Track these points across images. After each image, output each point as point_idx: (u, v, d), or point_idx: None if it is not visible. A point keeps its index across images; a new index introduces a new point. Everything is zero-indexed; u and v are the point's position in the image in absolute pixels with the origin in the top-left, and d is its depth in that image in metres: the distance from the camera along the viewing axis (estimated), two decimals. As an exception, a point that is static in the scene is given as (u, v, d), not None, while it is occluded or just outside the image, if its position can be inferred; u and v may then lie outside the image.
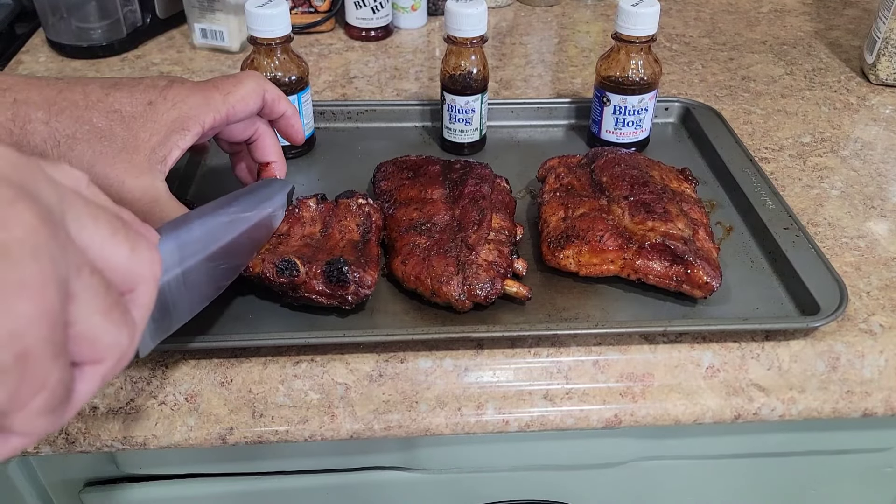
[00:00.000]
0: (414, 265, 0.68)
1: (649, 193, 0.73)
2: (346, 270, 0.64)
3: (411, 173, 0.79)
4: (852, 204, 0.84)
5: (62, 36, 1.14)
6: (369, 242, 0.70)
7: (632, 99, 0.87)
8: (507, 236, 0.72)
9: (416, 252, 0.69)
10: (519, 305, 0.69)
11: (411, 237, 0.71)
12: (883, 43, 1.06)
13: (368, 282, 0.65)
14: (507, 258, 0.69)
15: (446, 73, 0.87)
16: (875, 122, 1.01)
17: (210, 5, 1.12)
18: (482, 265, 0.67)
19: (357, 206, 0.73)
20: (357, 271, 0.64)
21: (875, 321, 0.69)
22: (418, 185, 0.77)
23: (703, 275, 0.66)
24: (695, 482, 0.81)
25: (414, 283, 0.68)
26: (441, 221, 0.72)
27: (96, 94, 0.60)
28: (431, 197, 0.75)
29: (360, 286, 0.65)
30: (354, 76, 1.12)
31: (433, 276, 0.67)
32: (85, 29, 1.13)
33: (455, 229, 0.71)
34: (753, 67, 1.16)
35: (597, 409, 0.65)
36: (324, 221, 0.71)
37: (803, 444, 0.77)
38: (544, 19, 1.36)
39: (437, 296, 0.66)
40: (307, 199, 0.72)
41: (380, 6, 1.21)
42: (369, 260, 0.67)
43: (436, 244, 0.69)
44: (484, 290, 0.66)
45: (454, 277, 0.66)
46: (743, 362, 0.66)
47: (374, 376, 0.64)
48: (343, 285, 0.64)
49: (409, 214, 0.73)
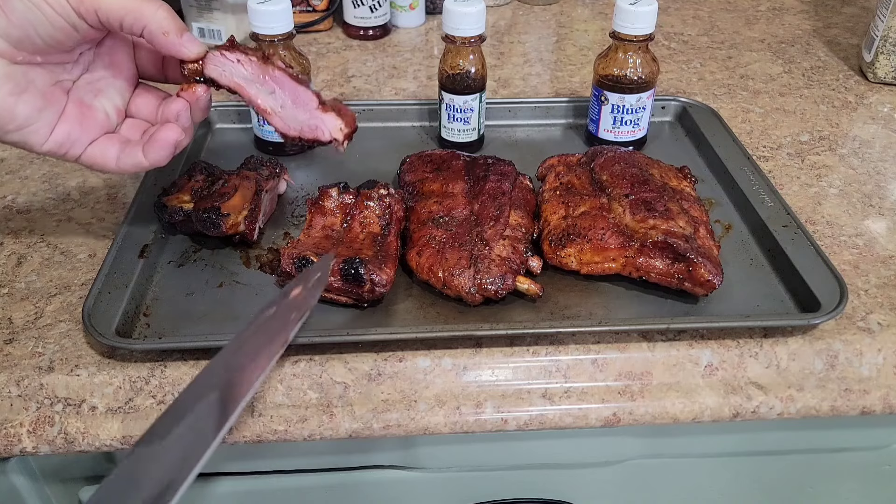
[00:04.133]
0: (428, 257, 0.68)
1: (650, 191, 0.73)
2: (361, 270, 0.65)
3: (435, 167, 0.80)
4: (850, 202, 0.84)
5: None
6: (389, 236, 0.71)
7: (630, 98, 0.87)
8: (524, 233, 0.72)
9: (431, 244, 0.69)
10: (529, 303, 0.69)
11: (429, 230, 0.71)
12: (881, 41, 1.06)
13: (384, 280, 0.66)
14: (521, 255, 0.69)
15: (444, 73, 0.87)
16: (873, 121, 1.01)
17: (208, 4, 1.12)
18: (495, 260, 0.67)
19: (378, 196, 0.73)
20: (373, 271, 0.65)
21: (873, 319, 0.69)
22: (441, 178, 0.78)
23: (705, 272, 0.66)
24: (693, 480, 0.81)
25: (427, 275, 0.68)
26: (460, 215, 0.73)
27: None
28: (453, 191, 0.76)
29: (377, 285, 0.65)
30: (352, 75, 1.12)
31: (446, 269, 0.67)
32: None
33: (472, 224, 0.71)
34: (752, 66, 1.16)
35: (595, 407, 0.65)
36: (345, 212, 0.72)
37: (801, 442, 0.77)
38: (542, 18, 1.36)
39: (449, 288, 0.67)
40: (329, 188, 0.73)
41: (378, 5, 1.21)
42: (387, 257, 0.68)
43: (452, 237, 0.70)
44: (494, 286, 0.66)
45: (466, 271, 0.66)
46: (741, 361, 0.66)
47: (373, 375, 0.64)
48: (359, 284, 0.65)
49: (430, 207, 0.74)
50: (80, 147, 0.65)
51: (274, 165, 0.81)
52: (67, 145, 0.64)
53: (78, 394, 0.62)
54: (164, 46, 0.63)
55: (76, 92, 0.66)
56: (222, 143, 0.94)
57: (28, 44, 0.60)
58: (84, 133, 0.64)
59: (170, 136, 0.65)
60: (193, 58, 0.65)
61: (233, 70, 0.66)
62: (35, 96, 0.61)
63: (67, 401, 0.62)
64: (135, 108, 0.69)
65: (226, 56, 0.66)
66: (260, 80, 0.67)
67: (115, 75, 0.68)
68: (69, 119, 0.64)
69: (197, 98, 0.67)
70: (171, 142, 0.65)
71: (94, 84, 0.67)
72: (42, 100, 0.62)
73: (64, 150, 0.64)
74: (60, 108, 0.64)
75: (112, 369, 0.63)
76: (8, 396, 0.62)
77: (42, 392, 0.62)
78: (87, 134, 0.65)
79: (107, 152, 0.65)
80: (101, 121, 0.66)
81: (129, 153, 0.65)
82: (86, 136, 0.65)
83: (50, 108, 0.63)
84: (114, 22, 0.60)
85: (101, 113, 0.66)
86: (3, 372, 0.62)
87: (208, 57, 0.66)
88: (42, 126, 0.62)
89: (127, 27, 0.61)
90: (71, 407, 0.62)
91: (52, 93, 0.63)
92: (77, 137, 0.64)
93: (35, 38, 0.59)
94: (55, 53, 0.63)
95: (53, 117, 0.63)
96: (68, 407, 0.62)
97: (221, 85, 0.67)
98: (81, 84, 0.66)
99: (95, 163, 0.65)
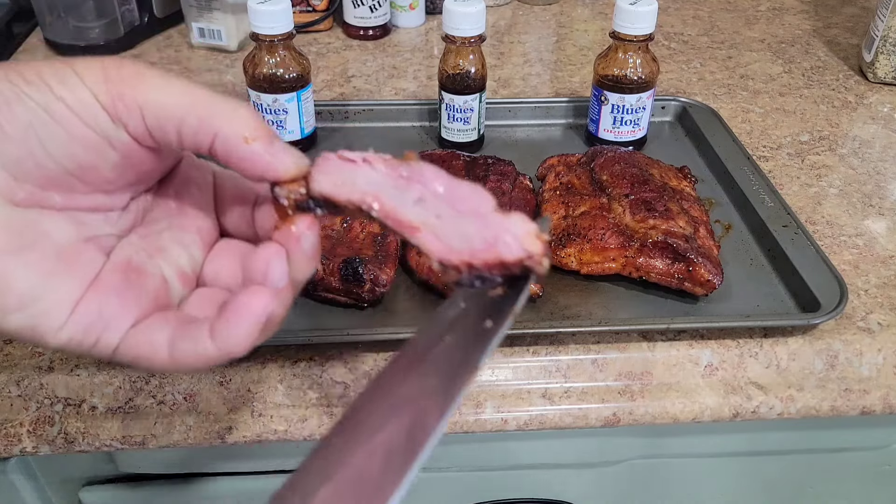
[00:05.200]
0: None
1: (650, 191, 0.73)
2: (361, 270, 0.64)
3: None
4: (850, 202, 0.84)
5: (59, 35, 1.13)
6: (389, 236, 0.71)
7: (630, 98, 0.87)
8: None
9: None
10: (529, 303, 0.69)
11: None
12: (881, 41, 1.06)
13: (384, 280, 0.66)
14: None
15: (444, 73, 0.87)
16: (873, 121, 1.01)
17: (208, 4, 1.12)
18: None
19: None
20: (373, 270, 0.65)
21: (873, 319, 0.69)
22: None
23: (706, 272, 0.66)
24: (693, 480, 0.81)
25: (427, 274, 0.68)
26: None
27: None
28: None
29: (376, 285, 0.65)
30: (353, 75, 1.12)
31: None
32: (82, 28, 1.13)
33: (472, 224, 0.71)
34: (752, 66, 1.16)
35: (595, 407, 0.65)
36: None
37: (801, 442, 0.77)
38: (542, 18, 1.36)
39: (449, 288, 0.67)
40: None
41: (378, 5, 1.21)
42: (387, 257, 0.68)
43: None
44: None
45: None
46: (741, 360, 0.66)
47: (373, 375, 0.64)
48: (359, 284, 0.65)
49: None
50: (117, 332, 0.40)
51: None
52: (97, 330, 0.40)
53: (78, 394, 0.62)
54: (247, 160, 0.40)
55: (122, 251, 0.42)
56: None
57: (35, 169, 0.38)
58: (124, 309, 0.40)
59: (254, 305, 0.39)
60: (292, 173, 0.41)
61: (355, 176, 0.42)
62: (45, 257, 0.39)
63: (67, 401, 0.62)
64: (211, 270, 0.46)
65: (344, 157, 0.42)
66: (397, 182, 0.42)
67: (183, 227, 0.45)
68: (103, 289, 0.40)
69: (299, 238, 0.41)
70: (254, 313, 0.39)
71: (149, 239, 0.44)
72: (57, 261, 0.39)
73: (91, 340, 0.40)
74: (90, 275, 0.40)
75: (112, 369, 0.63)
76: (8, 396, 0.62)
77: (42, 392, 0.62)
78: (129, 310, 0.41)
79: (156, 338, 0.40)
80: (155, 290, 0.42)
81: (190, 336, 0.40)
82: (127, 315, 0.40)
83: (69, 273, 0.40)
84: (169, 129, 0.39)
85: (155, 279, 0.43)
86: (3, 372, 0.62)
87: (317, 163, 0.42)
88: (56, 303, 0.39)
89: (189, 136, 0.39)
90: (71, 407, 0.62)
91: (76, 252, 0.40)
92: (113, 317, 0.40)
93: (46, 161, 0.38)
94: (86, 192, 0.41)
95: (76, 288, 0.39)
96: (68, 407, 0.62)
97: (340, 203, 0.41)
98: (132, 240, 0.43)
99: (140, 355, 0.40)
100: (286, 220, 0.42)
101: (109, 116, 0.38)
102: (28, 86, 0.37)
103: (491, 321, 0.39)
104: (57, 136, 0.37)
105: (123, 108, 0.38)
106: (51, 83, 0.37)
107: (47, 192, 0.39)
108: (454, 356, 0.38)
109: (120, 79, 0.38)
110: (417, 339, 0.40)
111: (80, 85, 0.37)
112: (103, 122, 0.38)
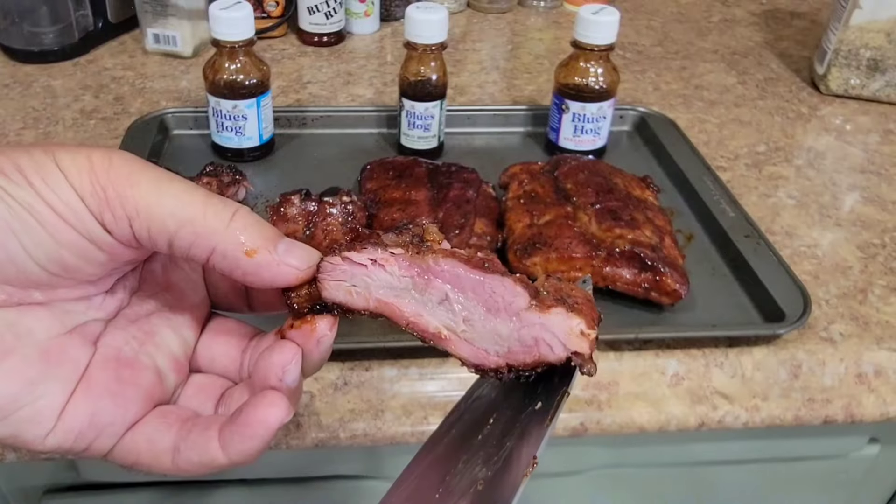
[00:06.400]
0: None
1: (615, 200, 0.73)
2: None
3: (397, 174, 0.79)
4: (808, 213, 0.85)
5: (14, 40, 1.11)
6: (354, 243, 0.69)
7: (591, 106, 0.87)
8: (490, 241, 0.71)
9: None
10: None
11: None
12: (834, 54, 1.08)
13: None
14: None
15: (406, 80, 0.86)
16: (826, 132, 1.02)
17: (163, 10, 1.10)
18: None
19: (342, 203, 0.72)
20: None
21: (835, 329, 0.69)
22: (403, 186, 0.77)
23: (672, 282, 0.67)
24: (657, 490, 0.81)
25: None
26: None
27: None
28: (416, 199, 0.75)
29: None
30: (308, 81, 1.11)
31: None
32: (37, 33, 1.11)
33: (437, 232, 0.71)
34: (706, 76, 1.17)
35: (563, 417, 0.64)
36: (307, 220, 0.71)
37: (762, 451, 0.78)
38: (497, 26, 1.36)
39: None
40: (291, 195, 0.71)
41: (333, 12, 1.20)
42: None
43: None
44: None
45: None
46: (707, 370, 0.66)
47: (339, 385, 0.63)
48: None
49: (392, 215, 0.72)
50: (112, 436, 0.38)
51: (233, 172, 0.79)
52: (90, 435, 0.37)
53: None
54: (252, 274, 0.37)
55: (109, 339, 0.39)
56: (180, 149, 0.92)
57: (16, 274, 0.35)
58: (118, 413, 0.38)
59: (270, 416, 0.37)
60: (303, 277, 0.38)
61: (370, 279, 0.39)
62: (27, 360, 0.35)
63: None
64: (206, 354, 0.43)
65: (352, 260, 0.39)
66: (416, 283, 0.38)
67: (173, 307, 0.42)
68: (94, 391, 0.37)
69: (319, 341, 0.39)
70: (271, 426, 0.37)
71: (138, 324, 0.41)
72: (40, 363, 0.36)
73: (84, 444, 0.37)
74: (78, 373, 0.37)
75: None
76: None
77: None
78: (124, 413, 0.38)
79: (157, 441, 0.38)
80: (149, 385, 0.39)
81: (195, 442, 0.38)
82: (122, 418, 0.38)
83: (55, 375, 0.36)
84: (160, 241, 0.36)
85: (148, 372, 0.39)
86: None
87: (323, 269, 0.39)
88: (41, 409, 0.36)
89: (182, 249, 0.36)
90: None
91: (61, 348, 0.37)
92: (108, 420, 0.37)
93: (28, 265, 0.35)
94: (69, 286, 0.38)
95: (62, 391, 0.36)
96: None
97: (355, 310, 0.39)
98: (120, 324, 0.40)
99: (139, 461, 0.38)
100: (303, 320, 0.39)
101: (98, 222, 0.35)
102: (7, 182, 0.34)
103: (540, 402, 0.37)
104: (42, 242, 0.34)
105: (111, 217, 0.35)
106: (33, 180, 0.34)
107: (28, 291, 0.36)
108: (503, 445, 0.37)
109: (108, 180, 0.35)
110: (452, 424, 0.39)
111: (65, 185, 0.34)
112: (90, 226, 0.35)
